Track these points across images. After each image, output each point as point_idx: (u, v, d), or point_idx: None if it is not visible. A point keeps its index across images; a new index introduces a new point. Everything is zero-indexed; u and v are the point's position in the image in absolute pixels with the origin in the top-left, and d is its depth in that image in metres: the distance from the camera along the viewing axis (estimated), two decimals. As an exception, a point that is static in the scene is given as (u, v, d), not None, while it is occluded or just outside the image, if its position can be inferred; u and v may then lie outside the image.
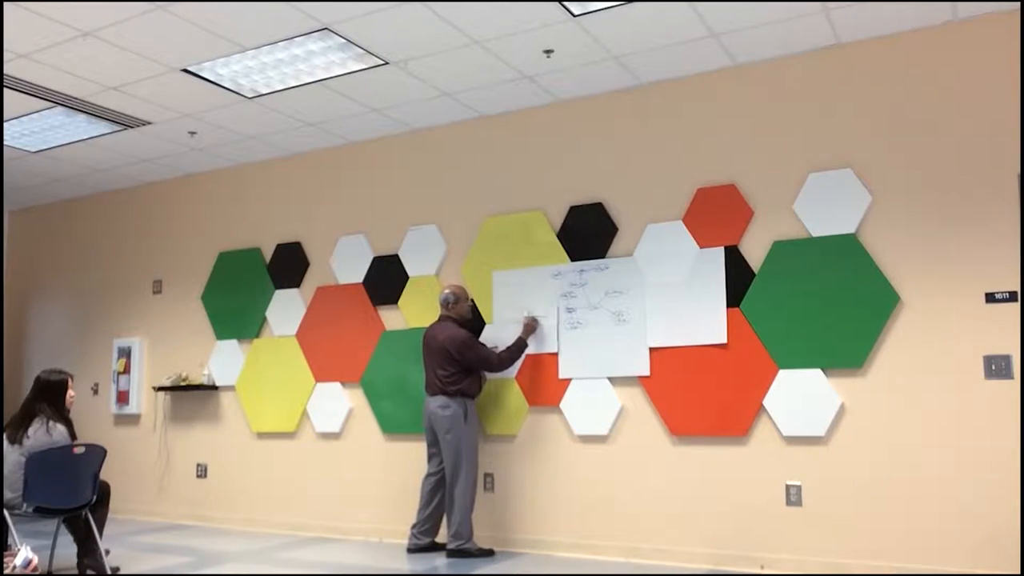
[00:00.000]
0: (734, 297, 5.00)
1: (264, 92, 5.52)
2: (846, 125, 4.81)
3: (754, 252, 4.99)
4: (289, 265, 6.76)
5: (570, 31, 4.66)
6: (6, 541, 4.62)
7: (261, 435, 6.75)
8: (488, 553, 5.28)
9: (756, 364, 4.88)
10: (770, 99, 5.05)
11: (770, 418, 4.83)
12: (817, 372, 4.73)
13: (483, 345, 5.49)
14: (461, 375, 5.33)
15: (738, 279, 5.00)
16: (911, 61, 4.69)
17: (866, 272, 4.64)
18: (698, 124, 5.25)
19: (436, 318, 5.64)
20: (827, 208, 4.78)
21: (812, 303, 4.76)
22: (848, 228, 4.72)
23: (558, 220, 5.64)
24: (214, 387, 6.98)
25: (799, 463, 4.74)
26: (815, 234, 4.81)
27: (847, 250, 4.70)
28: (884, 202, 4.67)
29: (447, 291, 5.56)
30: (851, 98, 4.82)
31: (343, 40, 4.75)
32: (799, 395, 4.75)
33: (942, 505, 4.37)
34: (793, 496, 4.73)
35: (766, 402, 4.83)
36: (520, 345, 5.42)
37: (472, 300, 5.72)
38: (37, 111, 5.85)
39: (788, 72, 5.01)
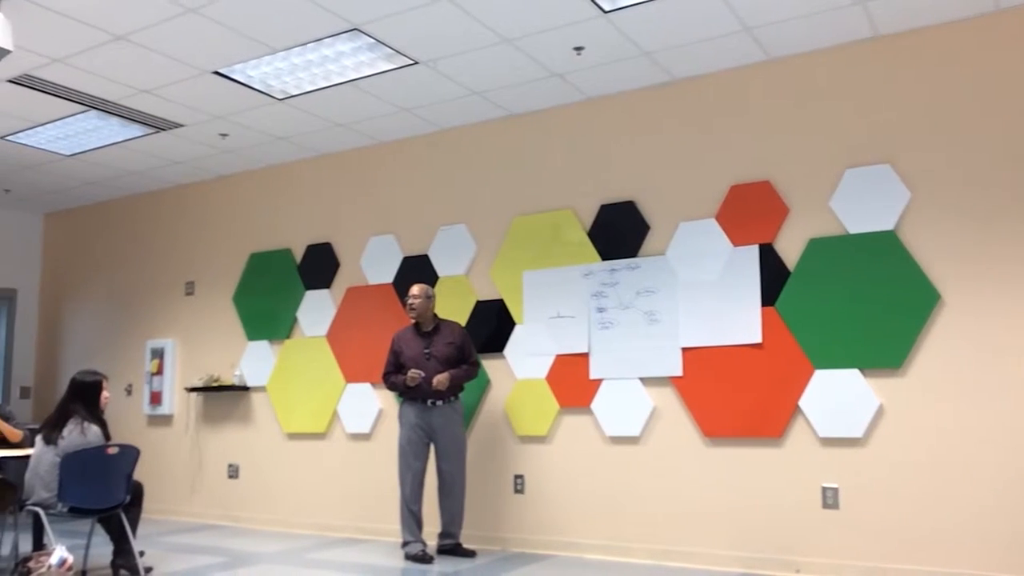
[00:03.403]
0: (769, 296, 4.91)
1: (294, 93, 5.54)
2: (884, 120, 4.71)
3: (789, 250, 4.90)
4: (319, 266, 6.78)
5: (600, 28, 4.61)
6: (41, 541, 4.67)
7: (292, 436, 6.77)
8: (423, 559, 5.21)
9: (792, 364, 4.79)
10: (805, 94, 4.96)
11: (806, 419, 4.74)
12: (855, 372, 4.63)
13: (391, 352, 5.48)
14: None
15: (773, 278, 4.91)
16: (952, 53, 4.58)
17: (905, 270, 4.53)
18: (731, 120, 5.17)
19: (456, 319, 5.75)
20: (865, 205, 4.68)
21: (849, 302, 4.67)
22: (887, 225, 4.62)
23: (589, 219, 5.59)
24: (245, 388, 7.02)
25: (836, 465, 4.65)
26: (852, 231, 4.71)
27: (886, 247, 4.60)
28: (924, 198, 4.56)
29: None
30: (889, 92, 4.72)
31: (372, 40, 4.74)
32: (836, 396, 4.65)
33: (984, 508, 4.25)
34: (830, 499, 4.64)
35: (802, 403, 4.75)
36: (398, 384, 5.38)
37: (407, 299, 5.52)
38: (72, 115, 5.92)
39: (824, 66, 4.91)
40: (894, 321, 4.54)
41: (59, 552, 4.28)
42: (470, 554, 5.35)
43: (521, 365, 5.70)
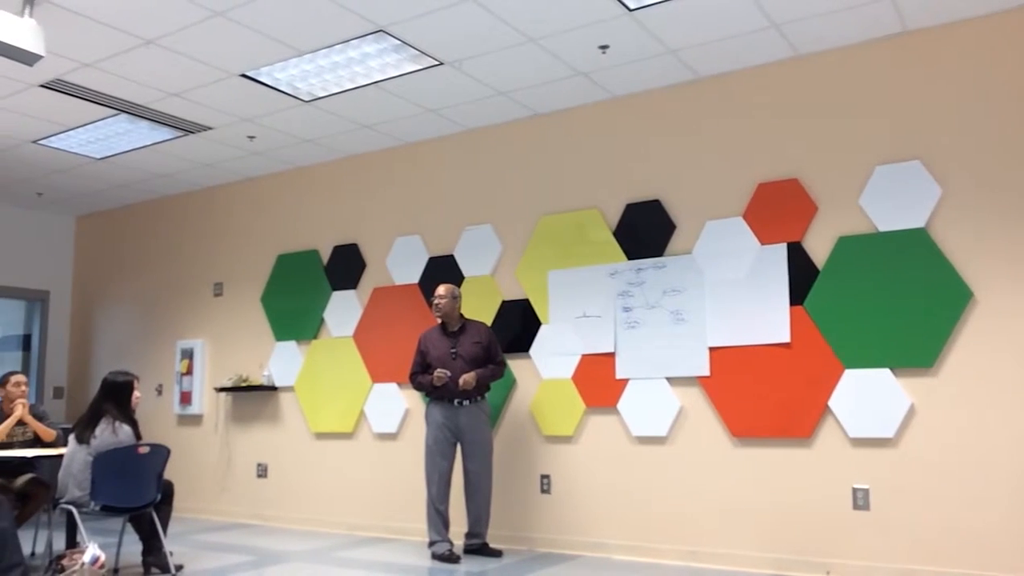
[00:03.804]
0: (797, 295, 4.86)
1: (321, 95, 5.57)
2: (914, 115, 4.65)
3: (818, 248, 4.85)
4: (346, 266, 6.82)
5: (626, 26, 4.59)
6: (75, 539, 4.74)
7: (319, 435, 6.81)
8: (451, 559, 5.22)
9: (821, 364, 4.74)
10: (834, 90, 4.90)
11: (836, 419, 4.69)
12: (885, 372, 4.57)
13: (417, 352, 5.52)
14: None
15: (801, 276, 4.86)
16: (983, 47, 4.50)
17: (937, 267, 4.47)
18: (759, 118, 5.13)
19: (482, 319, 5.75)
20: (895, 202, 4.62)
21: (880, 300, 4.61)
22: (917, 222, 4.55)
23: (614, 218, 5.57)
24: (273, 388, 7.07)
25: (866, 466, 4.59)
26: (882, 229, 4.65)
27: (916, 245, 4.53)
28: (955, 195, 4.49)
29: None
30: (919, 87, 4.65)
31: (398, 41, 4.76)
32: (866, 395, 4.60)
33: (1017, 510, 4.17)
34: (860, 499, 4.58)
35: (831, 403, 4.69)
36: (424, 384, 5.40)
37: (434, 299, 5.53)
38: (102, 118, 6.00)
39: (853, 62, 4.85)
40: (925, 320, 4.47)
41: (92, 550, 4.34)
42: (497, 554, 5.35)
43: (547, 365, 5.69)
